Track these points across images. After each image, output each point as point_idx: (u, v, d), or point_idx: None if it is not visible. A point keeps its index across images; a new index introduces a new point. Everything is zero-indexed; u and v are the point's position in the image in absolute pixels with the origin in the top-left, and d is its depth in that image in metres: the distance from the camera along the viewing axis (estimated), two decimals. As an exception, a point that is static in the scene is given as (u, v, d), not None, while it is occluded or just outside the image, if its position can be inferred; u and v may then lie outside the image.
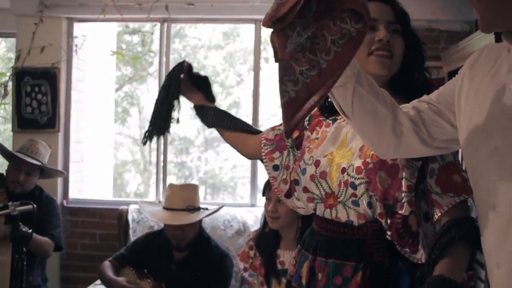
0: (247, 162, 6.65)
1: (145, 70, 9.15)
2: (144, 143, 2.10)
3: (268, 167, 1.97)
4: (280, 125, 2.02)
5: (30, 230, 2.59)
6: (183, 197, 3.26)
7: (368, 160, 1.68)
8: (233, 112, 8.24)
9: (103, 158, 5.41)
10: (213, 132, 9.05)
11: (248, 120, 4.79)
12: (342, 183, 1.72)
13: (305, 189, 1.81)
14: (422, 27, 4.08)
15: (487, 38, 2.65)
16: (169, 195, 3.31)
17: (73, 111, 4.59)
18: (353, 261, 1.71)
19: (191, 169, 9.52)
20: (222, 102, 8.67)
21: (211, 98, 2.11)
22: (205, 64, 9.01)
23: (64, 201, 4.53)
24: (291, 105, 1.29)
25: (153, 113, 2.09)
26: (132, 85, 9.47)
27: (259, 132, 2.07)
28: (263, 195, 2.89)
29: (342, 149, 1.77)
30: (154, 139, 2.09)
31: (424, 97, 1.52)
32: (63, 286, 4.53)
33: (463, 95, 1.39)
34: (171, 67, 4.66)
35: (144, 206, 3.52)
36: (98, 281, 3.75)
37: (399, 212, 1.65)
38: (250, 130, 2.08)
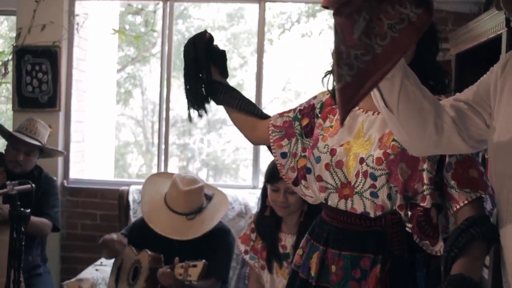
0: (250, 144, 6.61)
1: (148, 51, 9.08)
2: (191, 120, 2.02)
3: (276, 154, 1.95)
4: (288, 111, 1.99)
5: (29, 210, 2.56)
6: (186, 202, 3.18)
7: (389, 151, 1.65)
8: (236, 94, 8.24)
9: (105, 139, 5.38)
10: (216, 114, 9.04)
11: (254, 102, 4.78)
12: (361, 174, 1.69)
13: (319, 178, 1.78)
14: (430, 8, 4.01)
15: (497, 20, 2.59)
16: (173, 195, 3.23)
17: (74, 90, 4.54)
18: (371, 253, 1.69)
19: (193, 151, 9.49)
20: (225, 84, 8.58)
21: (225, 73, 2.03)
22: (208, 45, 8.94)
23: (65, 181, 4.50)
24: (347, 90, 1.25)
25: (189, 85, 1.98)
26: (135, 66, 9.41)
27: (267, 117, 2.02)
28: (267, 182, 2.82)
29: (359, 138, 1.74)
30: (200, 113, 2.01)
31: (459, 96, 1.50)
32: (63, 266, 4.51)
33: (497, 98, 1.39)
34: (174, 48, 4.64)
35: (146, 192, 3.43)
36: (98, 262, 3.74)
37: (421, 204, 1.64)
38: (259, 114, 2.02)
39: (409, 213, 1.65)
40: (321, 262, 1.77)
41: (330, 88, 1.87)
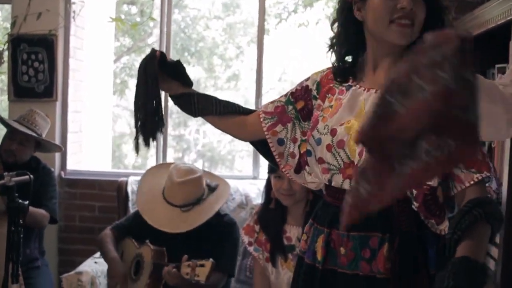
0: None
1: (144, 41, 9.00)
2: (138, 152, 1.92)
3: (272, 142, 1.89)
4: (280, 97, 1.93)
5: (27, 202, 2.51)
6: (182, 193, 3.09)
7: None
8: (232, 84, 8.13)
9: (102, 129, 5.32)
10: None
11: (250, 93, 4.72)
12: (365, 152, 1.62)
13: (321, 160, 1.73)
14: (432, -4, 3.95)
15: (507, 5, 2.54)
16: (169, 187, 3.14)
17: (71, 80, 4.47)
18: (378, 232, 1.65)
19: (189, 142, 9.45)
20: (221, 75, 8.56)
21: (188, 83, 1.95)
22: (204, 35, 8.89)
23: (62, 172, 4.44)
24: (358, 205, 1.25)
25: (139, 115, 1.90)
26: (131, 56, 9.33)
27: (252, 111, 1.95)
28: (271, 172, 2.76)
29: (361, 117, 1.68)
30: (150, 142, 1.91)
31: None
32: (61, 258, 4.46)
33: None
34: (171, 38, 4.56)
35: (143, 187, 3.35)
36: (97, 254, 3.69)
37: (427, 183, 1.59)
38: (242, 110, 1.95)
39: (414, 191, 1.62)
40: (327, 245, 1.74)
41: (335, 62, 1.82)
